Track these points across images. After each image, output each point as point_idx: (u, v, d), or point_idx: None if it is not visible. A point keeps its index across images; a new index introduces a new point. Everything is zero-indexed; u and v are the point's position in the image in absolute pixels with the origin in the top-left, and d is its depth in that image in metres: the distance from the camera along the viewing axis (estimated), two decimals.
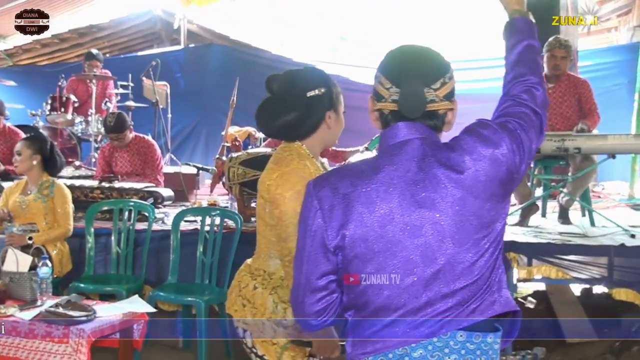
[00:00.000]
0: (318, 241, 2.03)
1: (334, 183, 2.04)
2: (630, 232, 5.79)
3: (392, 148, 2.04)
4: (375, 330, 1.99)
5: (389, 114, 2.07)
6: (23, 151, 5.56)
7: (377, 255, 1.97)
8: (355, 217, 1.98)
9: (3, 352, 4.36)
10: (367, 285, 1.99)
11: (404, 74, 2.03)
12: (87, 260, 5.84)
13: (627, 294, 5.46)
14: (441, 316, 1.95)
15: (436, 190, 1.95)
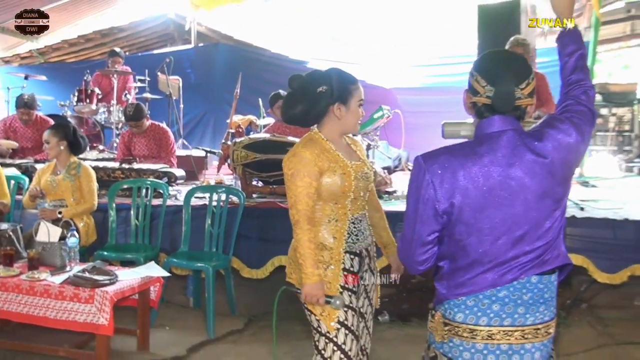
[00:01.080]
0: (430, 207, 2.26)
1: (443, 161, 2.26)
2: (580, 205, 5.81)
3: (490, 136, 2.29)
4: (470, 277, 2.26)
5: (482, 107, 2.32)
6: (50, 139, 5.55)
7: (478, 220, 2.23)
8: (462, 190, 2.22)
9: (35, 312, 4.38)
10: (467, 243, 2.25)
11: (499, 75, 2.29)
12: (110, 231, 5.85)
13: (577, 259, 5.47)
14: (522, 266, 2.25)
15: (526, 172, 2.22)
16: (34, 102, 7.78)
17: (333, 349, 3.08)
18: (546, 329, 2.32)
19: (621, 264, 5.38)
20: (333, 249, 3.10)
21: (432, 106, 9.57)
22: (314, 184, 3.04)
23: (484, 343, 2.26)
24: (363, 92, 3.19)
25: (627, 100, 11.22)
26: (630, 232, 5.43)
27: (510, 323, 2.26)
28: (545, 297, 2.30)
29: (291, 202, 3.07)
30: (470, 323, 2.27)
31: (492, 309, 2.26)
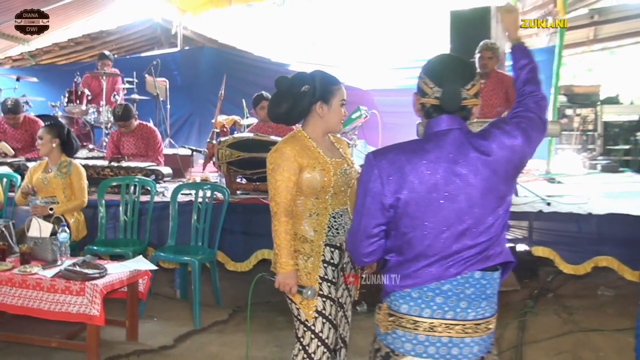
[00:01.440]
0: (377, 200, 2.26)
1: (391, 157, 2.27)
2: (546, 200, 5.87)
3: (437, 134, 2.29)
4: (415, 270, 2.25)
5: (430, 107, 2.33)
6: (44, 136, 5.52)
7: (423, 215, 2.22)
8: (408, 185, 2.21)
9: (29, 304, 4.36)
10: (413, 236, 2.24)
11: (446, 77, 2.31)
12: (100, 227, 5.83)
13: (543, 251, 5.54)
14: (465, 261, 2.24)
15: (470, 169, 2.22)
16: (18, 106, 7.70)
17: (311, 336, 3.11)
18: (486, 325, 2.30)
19: (585, 255, 5.44)
20: (314, 241, 3.12)
21: (407, 107, 9.41)
22: (293, 179, 3.07)
23: (426, 335, 2.25)
24: (345, 93, 3.23)
25: (591, 102, 11.34)
26: (593, 225, 5.49)
27: (452, 317, 2.24)
28: (487, 293, 2.30)
29: (271, 195, 3.10)
30: (414, 315, 2.26)
31: (436, 302, 2.24)
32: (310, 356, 3.12)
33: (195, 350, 4.81)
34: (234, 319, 5.42)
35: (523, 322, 5.28)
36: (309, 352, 3.12)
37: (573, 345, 4.80)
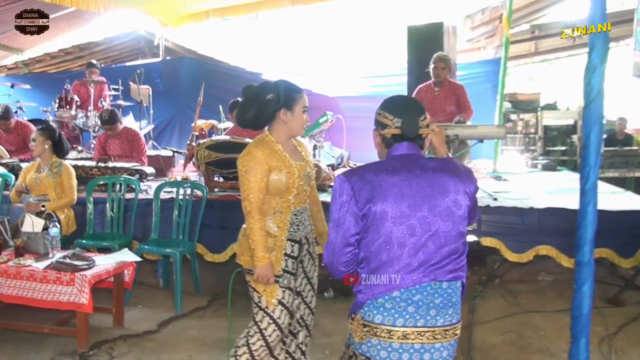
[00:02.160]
0: (351, 213, 2.28)
1: (361, 174, 2.31)
2: (493, 196, 5.91)
3: (400, 156, 2.37)
4: (385, 278, 2.26)
5: (391, 137, 2.40)
6: (37, 138, 5.47)
7: (391, 225, 2.24)
8: (377, 198, 2.24)
9: (23, 293, 4.32)
10: (382, 247, 2.26)
11: (404, 109, 2.41)
12: (88, 222, 5.75)
13: (491, 241, 5.58)
14: (433, 269, 2.27)
15: (432, 187, 2.28)
16: (8, 112, 7.60)
17: (269, 321, 3.17)
18: (453, 331, 2.32)
19: (527, 245, 5.49)
20: (277, 236, 3.15)
21: (369, 112, 9.43)
22: (264, 180, 3.08)
23: (400, 342, 2.25)
24: (307, 101, 3.24)
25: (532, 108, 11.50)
26: (534, 218, 5.54)
27: (423, 324, 2.26)
28: (452, 301, 2.32)
29: (244, 195, 3.10)
30: (388, 324, 2.25)
31: (408, 311, 2.25)
32: (265, 338, 3.19)
33: (177, 334, 4.77)
34: (212, 305, 5.39)
35: (473, 305, 5.32)
36: (264, 334, 3.19)
37: (517, 325, 4.86)
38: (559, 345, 4.31)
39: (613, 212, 5.40)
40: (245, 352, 3.23)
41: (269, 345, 3.20)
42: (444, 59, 6.75)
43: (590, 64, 2.83)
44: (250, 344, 3.22)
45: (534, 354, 4.35)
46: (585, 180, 2.86)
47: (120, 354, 4.41)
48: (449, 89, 6.79)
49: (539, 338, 4.61)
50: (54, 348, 4.45)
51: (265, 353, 3.22)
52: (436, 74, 6.74)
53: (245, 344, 3.23)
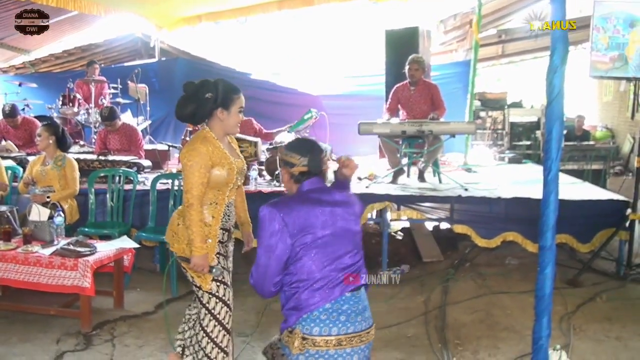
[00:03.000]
0: (283, 241, 2.39)
1: (290, 206, 2.44)
2: (464, 187, 5.95)
3: (313, 190, 2.54)
4: (316, 292, 2.39)
5: (299, 174, 2.56)
6: (42, 133, 5.42)
7: (320, 249, 2.41)
8: (307, 227, 2.40)
9: (31, 278, 4.29)
10: (313, 267, 2.40)
11: (308, 149, 2.59)
12: (90, 211, 5.73)
13: (462, 228, 5.63)
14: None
15: (341, 213, 2.50)
16: (14, 110, 7.50)
17: (216, 301, 3.18)
18: (372, 332, 2.50)
19: (495, 232, 5.56)
20: (212, 226, 3.17)
21: (350, 109, 9.61)
22: (207, 175, 3.08)
23: (335, 349, 2.37)
24: (244, 102, 3.24)
25: (500, 105, 11.58)
26: (502, 207, 5.60)
27: (353, 330, 2.40)
28: (365, 305, 2.52)
29: (187, 188, 3.05)
30: (325, 334, 2.37)
31: (340, 320, 2.39)
32: (216, 317, 3.19)
33: (173, 315, 4.75)
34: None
35: (446, 286, 5.37)
36: (214, 314, 3.18)
37: (486, 305, 4.91)
38: (523, 323, 4.36)
39: (572, 201, 5.47)
40: (208, 342, 3.20)
41: (221, 323, 3.20)
42: (418, 61, 6.76)
43: (551, 65, 2.85)
44: (208, 333, 3.20)
45: (501, 332, 4.39)
46: (548, 172, 2.88)
47: (120, 333, 4.40)
48: (424, 88, 6.80)
49: (506, 317, 4.66)
50: (59, 328, 4.44)
51: (222, 332, 3.21)
52: (411, 74, 6.75)
53: (204, 335, 3.21)
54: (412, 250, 6.44)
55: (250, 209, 3.55)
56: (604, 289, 5.18)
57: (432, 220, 6.19)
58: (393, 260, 6.01)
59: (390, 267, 5.86)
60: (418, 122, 6.09)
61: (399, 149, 6.58)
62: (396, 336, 4.40)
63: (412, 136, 6.29)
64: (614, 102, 12.55)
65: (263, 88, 10.70)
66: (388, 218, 5.78)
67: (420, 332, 4.46)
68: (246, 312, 4.85)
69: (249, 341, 4.28)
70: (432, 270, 5.90)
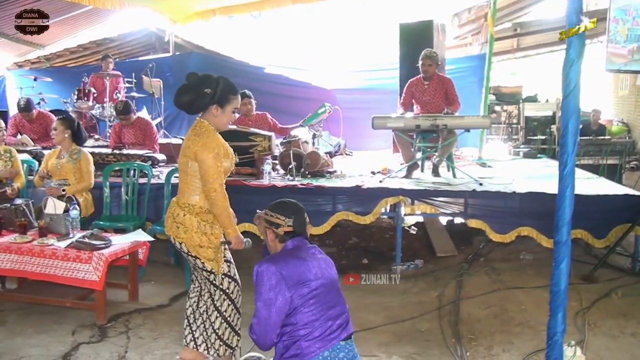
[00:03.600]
0: (282, 294, 2.53)
1: (284, 261, 2.61)
2: (479, 181, 5.92)
3: (300, 247, 2.73)
4: (313, 341, 2.52)
5: (285, 234, 2.76)
6: (58, 127, 5.45)
7: (315, 300, 2.56)
8: (302, 281, 2.55)
9: (47, 270, 4.33)
10: (311, 318, 2.54)
11: (291, 211, 2.78)
12: (105, 205, 5.77)
13: (476, 223, 5.60)
14: (343, 330, 2.61)
15: (327, 268, 2.70)
16: (29, 105, 7.53)
17: (229, 280, 3.35)
18: None
19: (510, 227, 5.52)
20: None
21: (364, 103, 9.60)
22: (222, 163, 3.25)
23: None
24: (239, 103, 3.37)
25: (515, 100, 11.51)
26: (517, 201, 5.57)
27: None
28: (355, 353, 2.65)
29: (214, 177, 3.18)
30: None
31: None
32: (230, 297, 3.35)
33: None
34: None
35: (460, 281, 5.35)
36: (228, 293, 3.34)
37: (500, 300, 4.88)
38: (538, 319, 4.33)
39: (588, 196, 5.43)
40: (222, 322, 3.35)
41: (234, 302, 3.37)
42: (431, 56, 6.70)
43: (568, 59, 2.83)
44: (222, 312, 3.34)
45: (515, 327, 4.37)
46: (564, 166, 2.86)
47: (135, 325, 4.44)
48: (438, 83, 6.76)
49: (520, 312, 4.63)
50: (75, 320, 4.48)
51: (234, 312, 3.38)
52: (424, 69, 6.70)
53: (218, 316, 3.34)
54: (426, 245, 6.42)
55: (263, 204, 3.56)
56: (620, 285, 5.13)
57: (446, 214, 6.16)
58: (407, 255, 6.00)
59: (403, 261, 5.86)
60: (432, 116, 6.06)
61: (413, 143, 6.56)
62: (410, 330, 4.39)
63: (426, 130, 6.26)
64: (630, 96, 12.41)
65: (277, 82, 10.70)
66: (402, 212, 5.77)
67: (434, 326, 4.45)
68: None
69: None
70: (446, 265, 5.89)
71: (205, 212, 3.27)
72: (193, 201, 3.28)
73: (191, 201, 3.29)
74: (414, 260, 5.99)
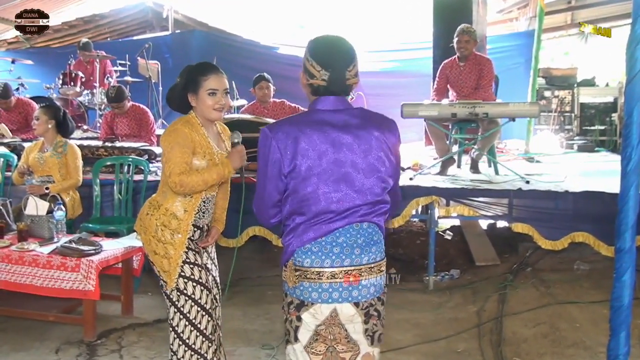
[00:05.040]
0: (277, 168, 2.45)
1: (286, 129, 2.45)
2: (525, 179, 5.88)
3: (325, 111, 2.50)
4: (312, 226, 2.45)
5: (318, 87, 2.50)
6: (40, 117, 5.49)
7: (317, 178, 2.41)
8: (302, 153, 2.40)
9: (26, 280, 4.36)
10: (310, 198, 2.43)
11: (332, 61, 2.48)
12: (95, 205, 5.81)
13: (522, 227, 5.56)
14: (355, 215, 2.46)
15: (354, 142, 2.44)
16: (7, 91, 7.59)
17: (185, 299, 3.24)
18: (378, 267, 2.53)
19: (562, 232, 5.48)
20: (182, 220, 3.24)
21: (391, 88, 9.60)
22: (190, 156, 3.17)
23: (329, 282, 2.45)
24: (217, 83, 3.25)
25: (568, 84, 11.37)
26: (570, 202, 5.52)
27: (349, 263, 2.46)
28: (374, 240, 2.52)
29: (169, 171, 3.13)
30: (317, 266, 2.45)
31: (334, 252, 2.45)
32: (186, 316, 3.23)
33: None
34: (225, 293, 5.42)
35: (503, 295, 5.32)
36: (183, 312, 3.23)
37: (550, 316, 4.85)
38: (595, 339, 4.29)
39: None
40: (179, 344, 3.28)
41: (192, 323, 3.26)
42: (468, 31, 6.64)
43: (633, 35, 2.78)
44: (179, 333, 3.27)
45: (568, 348, 4.33)
46: (627, 162, 2.82)
47: (129, 343, 4.46)
48: (474, 63, 6.69)
49: (574, 330, 4.59)
50: (59, 337, 4.52)
51: (195, 334, 3.28)
52: (460, 47, 6.64)
53: (175, 337, 3.28)
54: (463, 253, 6.39)
55: None
56: None
57: (487, 217, 6.13)
58: (441, 264, 5.97)
59: (437, 271, 5.83)
60: (471, 104, 6.01)
61: (449, 134, 6.52)
62: (444, 351, 4.37)
63: (464, 119, 6.22)
64: None
65: (291, 64, 10.68)
66: (435, 215, 5.74)
67: (473, 347, 4.43)
68: (271, 322, 4.88)
69: (275, 354, 4.29)
70: (487, 276, 5.86)
71: (169, 216, 3.24)
72: (161, 200, 3.28)
73: (160, 199, 3.29)
74: (450, 270, 5.96)
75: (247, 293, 5.47)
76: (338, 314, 2.50)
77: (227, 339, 4.42)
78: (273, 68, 9.21)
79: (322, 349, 2.52)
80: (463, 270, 6.04)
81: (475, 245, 6.42)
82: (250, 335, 4.65)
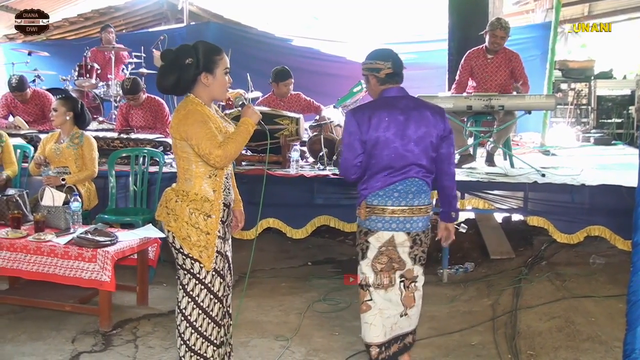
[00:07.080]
0: (356, 138, 3.43)
1: (363, 110, 3.51)
2: (541, 172, 5.85)
3: (389, 98, 3.50)
4: (380, 178, 3.44)
5: (385, 76, 3.52)
6: (58, 108, 5.52)
7: (385, 146, 3.40)
8: (373, 127, 3.39)
9: (44, 269, 4.39)
10: (379, 159, 3.42)
11: (388, 55, 3.57)
12: (110, 196, 5.85)
13: (538, 221, 5.54)
14: (410, 172, 3.45)
15: (413, 120, 3.43)
16: (22, 83, 7.63)
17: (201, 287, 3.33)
18: (426, 209, 3.53)
19: (578, 225, 5.45)
20: (213, 201, 3.27)
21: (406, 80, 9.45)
22: (214, 129, 3.21)
23: (390, 216, 3.45)
24: (228, 62, 3.34)
25: (585, 76, 11.27)
26: (586, 196, 5.49)
27: (405, 204, 3.45)
28: (423, 189, 3.51)
29: (207, 149, 3.14)
30: (382, 205, 3.45)
31: (394, 196, 3.44)
32: (199, 305, 3.31)
33: None
34: (239, 285, 5.43)
35: (518, 288, 5.30)
36: (197, 302, 3.30)
37: (565, 310, 4.82)
38: (611, 333, 4.27)
39: None
40: (192, 332, 3.33)
41: (205, 310, 3.33)
42: (505, 27, 6.55)
43: None
44: (192, 322, 3.32)
45: (583, 342, 4.31)
46: None
47: (144, 333, 4.50)
48: (504, 58, 6.65)
49: (589, 325, 4.56)
50: (75, 326, 4.56)
51: (207, 321, 3.35)
52: (493, 41, 6.57)
53: (187, 325, 3.33)
54: (478, 246, 6.38)
55: (290, 196, 3.63)
56: None
57: (502, 210, 6.11)
58: (455, 257, 5.96)
59: (451, 264, 5.82)
60: (486, 96, 5.98)
61: (464, 127, 6.50)
62: (459, 344, 4.37)
63: (479, 112, 6.19)
64: None
65: (306, 56, 10.70)
66: None
67: (487, 340, 4.42)
68: (285, 313, 4.89)
69: (289, 346, 4.31)
70: (502, 269, 5.84)
71: (201, 200, 3.25)
72: (187, 187, 3.28)
73: (185, 187, 3.29)
74: (464, 264, 5.95)
75: (262, 285, 5.48)
76: (394, 239, 3.47)
77: (241, 330, 4.46)
78: (287, 60, 9.18)
79: (385, 260, 3.50)
80: (478, 263, 6.03)
81: (490, 238, 6.40)
82: (264, 326, 4.67)
